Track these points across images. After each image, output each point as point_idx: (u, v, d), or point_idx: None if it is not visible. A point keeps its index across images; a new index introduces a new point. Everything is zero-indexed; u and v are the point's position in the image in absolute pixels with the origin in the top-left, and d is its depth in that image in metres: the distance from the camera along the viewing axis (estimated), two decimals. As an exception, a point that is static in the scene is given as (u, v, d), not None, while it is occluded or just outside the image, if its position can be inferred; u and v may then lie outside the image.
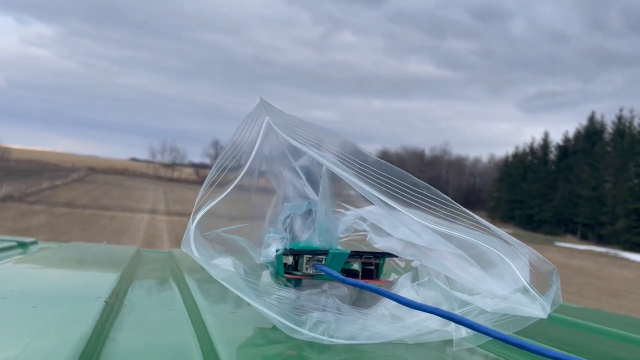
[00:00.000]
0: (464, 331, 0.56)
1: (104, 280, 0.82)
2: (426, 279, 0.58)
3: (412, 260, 0.64)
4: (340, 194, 0.60)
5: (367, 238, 0.63)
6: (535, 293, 0.50)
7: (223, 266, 0.56)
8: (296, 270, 0.65)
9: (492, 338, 0.50)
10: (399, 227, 0.55)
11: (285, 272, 0.64)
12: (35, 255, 1.28)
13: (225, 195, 0.53)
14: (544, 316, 0.50)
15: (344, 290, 0.64)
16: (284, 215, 0.62)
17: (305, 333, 0.52)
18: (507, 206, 43.67)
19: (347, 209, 0.60)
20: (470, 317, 0.55)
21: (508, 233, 0.55)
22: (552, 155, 43.21)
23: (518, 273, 0.51)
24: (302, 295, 0.61)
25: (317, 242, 0.67)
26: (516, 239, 0.53)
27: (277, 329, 0.55)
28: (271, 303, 0.55)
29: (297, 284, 0.66)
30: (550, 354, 0.42)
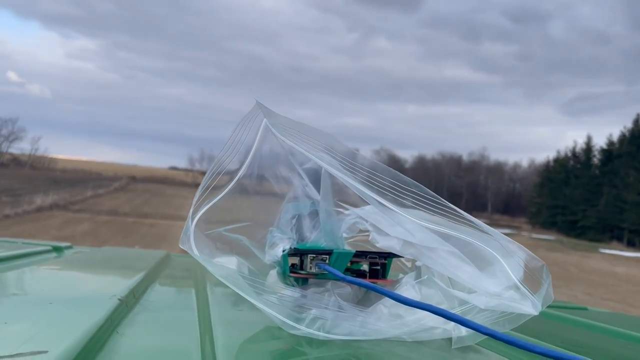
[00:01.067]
0: (463, 329, 0.56)
1: (125, 281, 0.86)
2: (425, 277, 0.59)
3: (417, 261, 0.65)
4: (341, 194, 0.61)
5: (370, 237, 0.64)
6: (526, 290, 0.50)
7: (226, 265, 0.57)
8: (302, 269, 0.66)
9: (486, 336, 0.50)
10: (394, 226, 0.55)
11: (291, 272, 0.66)
12: (67, 258, 1.34)
13: (225, 195, 0.55)
14: (535, 313, 0.50)
15: (348, 289, 0.65)
16: (286, 216, 0.64)
17: (302, 329, 0.53)
18: (549, 212, 42.54)
19: (346, 209, 0.62)
20: (470, 316, 0.56)
21: (550, 240, 0.56)
22: (596, 159, 41.93)
23: (509, 271, 0.51)
24: (304, 293, 0.63)
25: (323, 243, 0.68)
26: (507, 237, 0.53)
27: (279, 329, 0.56)
28: (271, 301, 0.56)
29: (303, 283, 0.67)
30: (538, 350, 0.42)
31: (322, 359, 0.51)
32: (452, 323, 0.56)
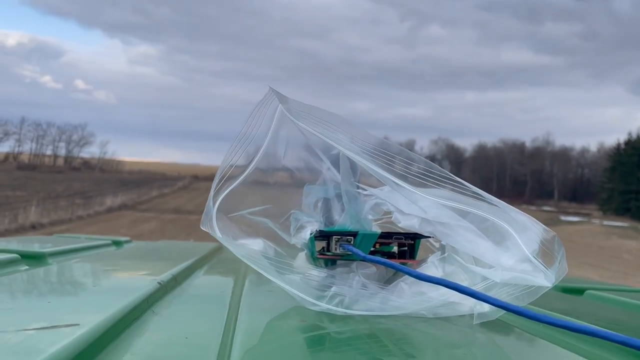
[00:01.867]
0: (485, 305, 0.56)
1: (170, 268, 0.90)
2: (446, 254, 0.59)
3: (442, 241, 0.66)
4: (361, 175, 0.62)
5: (393, 217, 0.65)
6: (538, 263, 0.50)
7: (252, 247, 0.60)
8: (328, 251, 0.68)
9: (505, 310, 0.50)
10: (410, 204, 0.56)
11: (318, 254, 0.67)
12: (124, 250, 1.43)
13: (243, 179, 0.57)
14: (550, 285, 0.49)
15: (373, 269, 0.67)
16: (309, 199, 0.65)
17: (321, 305, 0.55)
18: (621, 198, 40.44)
19: (365, 190, 0.63)
20: (493, 291, 0.56)
21: (624, 227, 0.55)
22: (671, 140, 39.46)
23: (522, 244, 0.51)
24: (331, 274, 0.64)
25: (350, 226, 0.69)
26: (519, 210, 0.53)
27: (301, 308, 0.58)
28: (294, 280, 0.58)
29: (331, 264, 0.69)
30: (558, 323, 0.42)
31: (340, 333, 0.52)
32: (473, 299, 0.56)
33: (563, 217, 35.50)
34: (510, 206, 0.53)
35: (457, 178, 0.53)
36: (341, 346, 0.49)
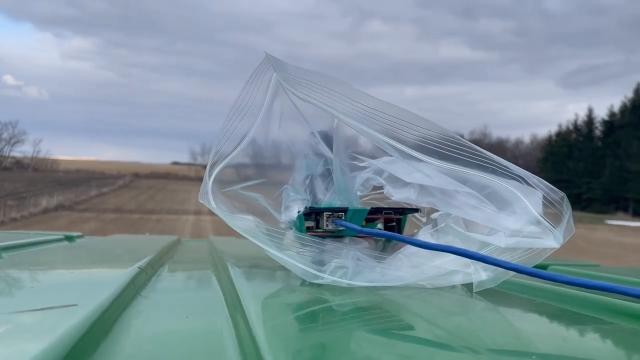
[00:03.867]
0: (483, 274, 0.57)
1: (141, 257, 0.86)
2: (443, 224, 0.59)
3: (432, 214, 0.65)
4: (355, 146, 0.61)
5: (384, 191, 0.64)
6: (547, 224, 0.50)
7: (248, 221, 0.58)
8: (318, 229, 0.67)
9: (507, 270, 0.50)
10: (412, 173, 0.55)
11: (308, 232, 0.66)
12: (81, 244, 1.36)
13: (237, 153, 0.55)
14: (557, 246, 0.50)
15: (365, 244, 0.66)
16: (301, 174, 0.64)
17: (326, 277, 0.54)
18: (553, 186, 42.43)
19: (362, 161, 0.61)
20: (498, 256, 0.56)
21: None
22: (598, 131, 41.77)
23: (530, 207, 0.51)
24: (323, 249, 0.63)
25: (338, 203, 0.68)
26: (528, 172, 0.53)
27: (301, 281, 0.57)
28: (293, 254, 0.57)
29: (319, 241, 0.68)
30: (565, 280, 0.43)
31: (344, 305, 0.51)
32: (472, 268, 0.56)
33: (501, 207, 36.86)
34: (521, 169, 0.53)
35: (473, 145, 0.53)
36: (348, 317, 0.48)
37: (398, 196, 0.63)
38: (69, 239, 1.47)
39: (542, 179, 0.52)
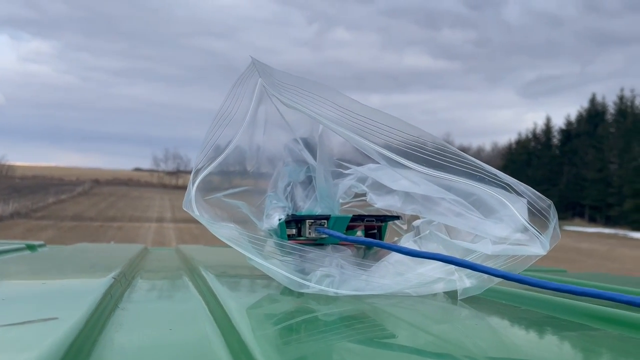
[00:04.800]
0: (467, 281, 0.57)
1: (113, 266, 0.84)
2: (427, 232, 0.59)
3: (413, 222, 0.65)
4: (341, 153, 0.61)
5: (367, 198, 0.64)
6: (534, 231, 0.51)
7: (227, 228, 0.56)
8: (300, 236, 0.66)
9: (493, 276, 0.50)
10: (398, 180, 0.55)
11: (290, 240, 0.65)
12: (44, 253, 1.31)
13: (222, 161, 0.54)
14: (544, 253, 0.51)
15: (348, 252, 0.65)
16: (283, 180, 0.63)
17: (312, 286, 0.53)
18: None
19: (347, 168, 0.61)
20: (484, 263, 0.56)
21: None
22: (556, 139, 43.08)
23: (517, 214, 0.51)
24: (306, 257, 0.62)
25: (318, 210, 0.68)
26: (515, 179, 0.54)
27: (286, 291, 0.56)
28: (277, 263, 0.55)
29: (301, 249, 0.67)
30: (552, 286, 0.43)
31: (331, 314, 0.51)
32: (457, 275, 0.56)
33: (463, 213, 37.64)
34: (508, 176, 0.54)
35: (460, 152, 0.53)
36: (336, 327, 0.48)
37: (381, 203, 0.62)
38: (31, 248, 1.42)
39: (529, 187, 0.53)
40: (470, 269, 0.49)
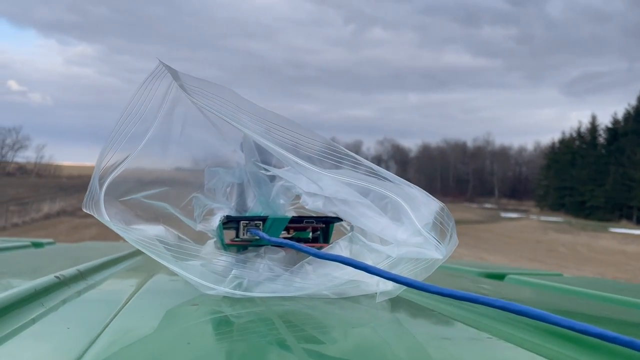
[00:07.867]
0: (387, 283, 0.56)
1: (78, 264, 0.86)
2: (349, 234, 0.58)
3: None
4: (264, 156, 0.61)
5: (301, 200, 0.64)
6: (429, 236, 0.50)
7: (146, 232, 0.57)
8: (237, 238, 0.66)
9: (407, 287, 0.49)
10: (310, 183, 0.55)
11: (229, 240, 0.65)
12: (43, 251, 1.36)
13: (133, 160, 0.54)
14: (441, 257, 0.50)
15: (282, 253, 0.65)
16: (213, 182, 0.63)
17: (218, 289, 0.53)
18: (556, 194, 42.31)
19: (268, 171, 0.61)
20: (397, 268, 0.55)
21: (559, 222, 0.55)
22: (601, 138, 41.66)
23: (414, 218, 0.50)
24: (237, 259, 0.62)
25: (262, 211, 0.68)
26: (411, 183, 0.53)
27: (200, 293, 0.56)
28: (192, 266, 0.56)
29: (242, 250, 0.67)
30: (459, 295, 0.42)
31: (239, 316, 0.51)
32: (376, 278, 0.56)
33: (503, 214, 36.91)
34: (405, 181, 0.53)
35: (354, 154, 0.52)
36: (235, 329, 0.48)
37: (311, 205, 0.62)
38: (37, 245, 1.47)
39: (424, 191, 0.52)
40: (377, 275, 0.48)
